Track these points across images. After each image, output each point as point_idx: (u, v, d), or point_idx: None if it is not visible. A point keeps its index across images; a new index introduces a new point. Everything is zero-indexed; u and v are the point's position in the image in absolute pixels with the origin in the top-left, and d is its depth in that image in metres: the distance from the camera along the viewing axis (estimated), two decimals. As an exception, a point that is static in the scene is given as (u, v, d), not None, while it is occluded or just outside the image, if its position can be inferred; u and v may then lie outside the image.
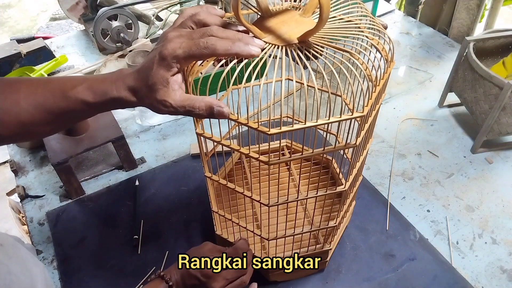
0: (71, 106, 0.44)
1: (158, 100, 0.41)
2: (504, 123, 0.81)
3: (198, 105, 0.41)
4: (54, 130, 0.48)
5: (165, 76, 0.40)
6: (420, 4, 1.32)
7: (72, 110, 0.44)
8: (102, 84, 0.43)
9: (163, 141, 0.95)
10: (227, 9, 0.55)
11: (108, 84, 0.43)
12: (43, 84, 0.45)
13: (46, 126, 0.46)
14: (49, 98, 0.44)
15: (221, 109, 0.41)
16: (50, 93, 0.44)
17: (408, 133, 0.94)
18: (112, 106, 0.45)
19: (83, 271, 0.71)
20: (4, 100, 0.44)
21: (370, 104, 0.45)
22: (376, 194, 0.81)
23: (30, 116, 0.44)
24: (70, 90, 0.44)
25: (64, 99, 0.44)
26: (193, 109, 0.41)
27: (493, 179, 0.83)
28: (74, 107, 0.44)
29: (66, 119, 0.46)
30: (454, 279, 0.67)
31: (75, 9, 1.32)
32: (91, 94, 0.43)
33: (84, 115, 0.47)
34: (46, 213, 0.80)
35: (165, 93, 0.41)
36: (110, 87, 0.43)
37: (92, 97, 0.43)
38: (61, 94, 0.44)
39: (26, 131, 0.46)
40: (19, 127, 0.45)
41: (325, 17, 0.41)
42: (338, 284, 0.67)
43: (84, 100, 0.43)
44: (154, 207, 0.80)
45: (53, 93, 0.44)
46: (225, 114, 0.41)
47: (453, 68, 0.92)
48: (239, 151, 0.47)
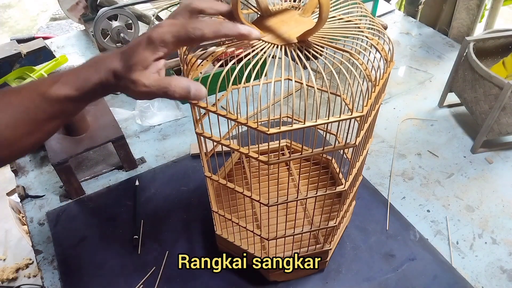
0: (55, 106, 0.41)
1: (131, 80, 0.39)
2: (504, 123, 0.81)
3: (174, 84, 0.40)
4: (43, 139, 0.44)
5: (148, 59, 0.39)
6: (420, 4, 1.32)
7: (57, 111, 0.41)
8: (81, 72, 0.41)
9: (163, 141, 0.95)
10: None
11: (87, 70, 0.41)
12: (15, 93, 0.42)
13: (33, 136, 0.42)
14: (29, 105, 0.41)
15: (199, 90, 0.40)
16: (27, 100, 0.41)
17: (408, 133, 0.94)
18: (97, 94, 0.42)
19: (83, 271, 0.71)
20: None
21: (369, 104, 0.45)
22: (376, 194, 0.81)
23: (13, 131, 0.40)
24: (48, 90, 0.40)
25: (45, 101, 0.40)
26: (168, 87, 0.40)
27: (493, 179, 0.83)
28: (59, 107, 0.41)
29: (52, 122, 0.43)
30: (454, 279, 0.67)
31: (75, 9, 1.32)
32: (72, 87, 0.40)
33: (70, 112, 0.43)
34: (46, 213, 0.80)
35: (141, 73, 0.39)
36: (90, 72, 0.40)
37: (75, 89, 0.40)
38: (40, 97, 0.41)
39: (12, 149, 0.42)
40: (4, 146, 0.41)
41: (325, 16, 0.41)
42: (338, 284, 0.67)
43: (67, 95, 0.40)
44: (154, 207, 0.80)
45: (31, 99, 0.41)
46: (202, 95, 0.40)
47: (453, 68, 0.92)
48: (238, 151, 0.47)
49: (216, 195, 0.69)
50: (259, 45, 0.45)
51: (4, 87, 1.05)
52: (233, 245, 0.65)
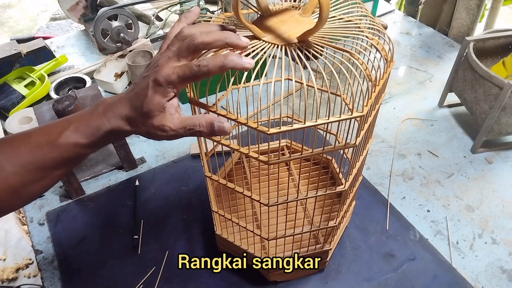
0: (64, 154, 0.41)
1: (155, 126, 0.40)
2: (504, 123, 0.81)
3: (198, 123, 0.40)
4: (50, 185, 0.44)
5: (161, 102, 0.39)
6: (420, 4, 1.32)
7: (66, 158, 0.41)
8: (91, 120, 0.41)
9: (163, 141, 0.95)
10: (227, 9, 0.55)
11: (97, 119, 0.41)
12: (23, 140, 0.41)
13: (39, 184, 0.42)
14: (37, 153, 0.40)
15: (222, 124, 0.40)
16: (36, 148, 0.41)
17: (408, 133, 0.94)
18: (108, 140, 0.42)
19: (83, 271, 0.71)
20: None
21: (369, 104, 0.45)
22: (376, 194, 0.81)
23: (19, 178, 0.40)
24: (57, 138, 0.40)
25: (54, 148, 0.40)
26: (194, 127, 0.40)
27: (493, 179, 0.83)
28: (68, 154, 0.41)
29: (61, 169, 0.42)
30: (454, 279, 0.67)
31: (75, 9, 1.32)
32: (82, 135, 0.41)
33: (79, 158, 0.43)
34: (46, 213, 0.80)
35: (162, 118, 0.40)
36: (101, 121, 0.41)
37: (85, 137, 0.41)
38: (48, 145, 0.40)
39: (18, 196, 0.41)
40: (9, 193, 0.40)
41: (325, 16, 0.41)
42: (338, 284, 0.67)
43: (77, 143, 0.41)
44: (154, 207, 0.80)
45: (39, 147, 0.41)
46: (225, 129, 0.40)
47: (453, 68, 0.92)
48: (239, 150, 0.47)
49: (216, 195, 0.69)
50: (259, 45, 0.45)
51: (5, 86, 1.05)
52: (233, 245, 0.65)
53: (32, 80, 1.08)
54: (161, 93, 0.39)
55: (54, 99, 0.85)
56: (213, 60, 0.38)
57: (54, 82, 1.06)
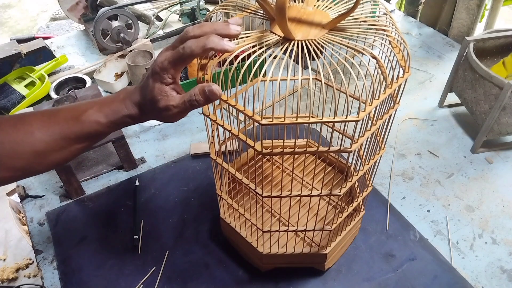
0: (85, 129, 0.47)
1: (161, 109, 0.45)
2: (504, 123, 0.81)
3: (193, 93, 0.43)
4: (69, 157, 0.49)
5: (162, 88, 0.44)
6: (420, 4, 1.32)
7: (86, 133, 0.47)
8: (113, 104, 0.47)
9: (163, 141, 0.95)
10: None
11: (118, 104, 0.47)
12: (54, 114, 0.48)
13: (60, 153, 0.47)
14: (63, 125, 0.47)
15: (210, 87, 0.43)
16: (63, 120, 0.47)
17: (408, 133, 0.94)
18: (124, 123, 0.48)
19: (83, 271, 0.71)
20: (17, 132, 0.46)
21: (374, 104, 0.45)
22: (376, 194, 0.81)
23: (44, 145, 0.46)
24: (82, 114, 0.47)
25: (78, 123, 0.46)
26: (191, 97, 0.44)
27: (493, 179, 0.83)
28: (88, 130, 0.47)
29: (80, 143, 0.48)
30: (454, 279, 0.67)
31: (75, 9, 1.32)
32: (103, 114, 0.46)
33: (97, 135, 0.49)
34: (46, 213, 0.80)
35: (166, 100, 0.44)
36: (120, 106, 0.47)
37: (105, 117, 0.46)
38: (74, 119, 0.47)
39: (41, 161, 0.47)
40: (33, 156, 0.46)
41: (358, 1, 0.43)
42: (338, 284, 0.67)
43: (98, 121, 0.46)
44: (154, 207, 0.80)
45: (66, 120, 0.47)
46: (215, 91, 0.43)
47: (453, 68, 0.92)
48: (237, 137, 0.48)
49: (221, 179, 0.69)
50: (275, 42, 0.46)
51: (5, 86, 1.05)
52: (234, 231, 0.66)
53: (32, 80, 1.08)
54: (158, 80, 0.44)
55: (54, 99, 0.85)
56: (196, 42, 0.42)
57: (54, 82, 1.06)
